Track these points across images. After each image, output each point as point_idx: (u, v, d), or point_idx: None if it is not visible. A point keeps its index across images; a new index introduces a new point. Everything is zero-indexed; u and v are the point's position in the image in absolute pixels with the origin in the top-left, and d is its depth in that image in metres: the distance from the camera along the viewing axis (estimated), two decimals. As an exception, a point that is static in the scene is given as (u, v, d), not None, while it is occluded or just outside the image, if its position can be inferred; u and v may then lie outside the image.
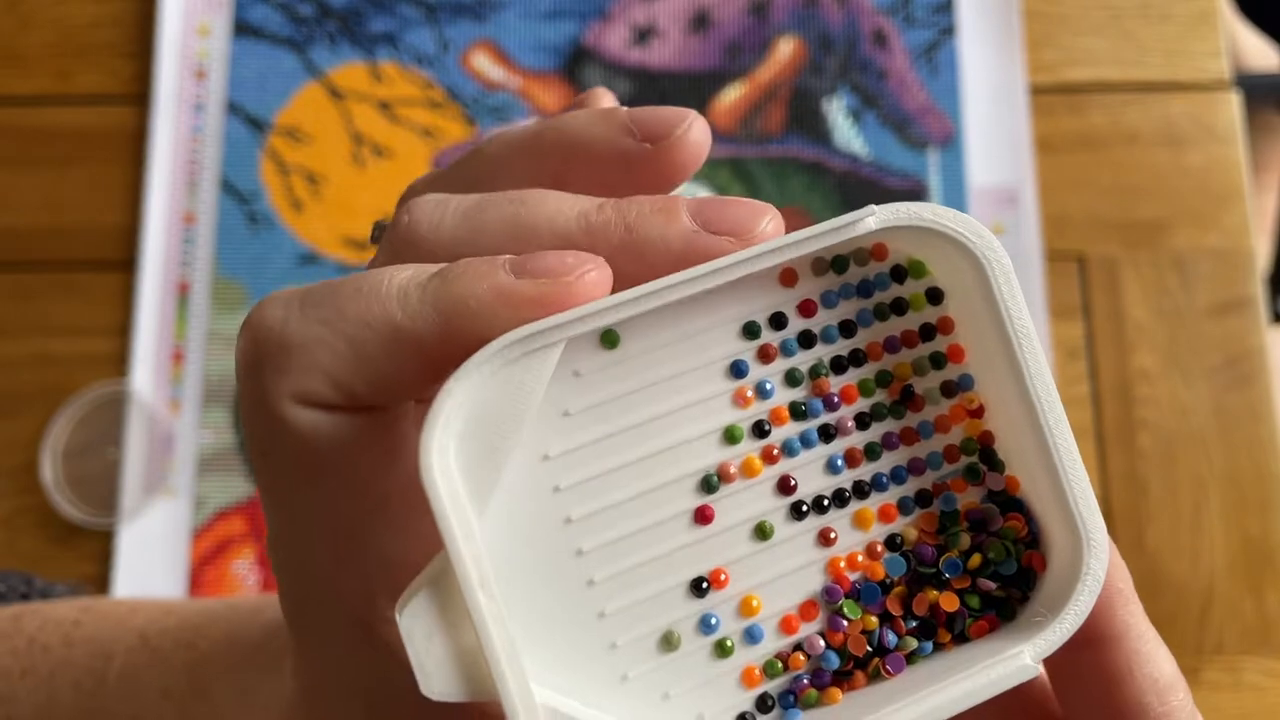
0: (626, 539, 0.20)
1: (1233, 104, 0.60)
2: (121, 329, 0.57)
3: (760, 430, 0.20)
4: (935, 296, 0.21)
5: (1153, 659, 0.20)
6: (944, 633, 0.21)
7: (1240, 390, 0.57)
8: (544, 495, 0.19)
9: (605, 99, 0.23)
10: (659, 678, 0.20)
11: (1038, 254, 0.58)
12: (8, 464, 0.55)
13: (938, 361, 0.21)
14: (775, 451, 0.20)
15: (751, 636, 0.20)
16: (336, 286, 0.19)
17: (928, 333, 0.21)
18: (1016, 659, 0.19)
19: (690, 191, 0.59)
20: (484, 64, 0.61)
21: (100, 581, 0.54)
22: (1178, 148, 0.60)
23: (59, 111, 0.60)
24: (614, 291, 0.19)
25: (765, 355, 0.20)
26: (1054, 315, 0.57)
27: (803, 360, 0.20)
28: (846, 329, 0.20)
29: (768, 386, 0.20)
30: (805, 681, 0.20)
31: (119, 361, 0.56)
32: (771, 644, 0.20)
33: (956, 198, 0.58)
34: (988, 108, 0.60)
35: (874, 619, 0.20)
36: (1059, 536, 0.20)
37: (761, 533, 0.20)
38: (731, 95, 0.60)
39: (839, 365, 0.21)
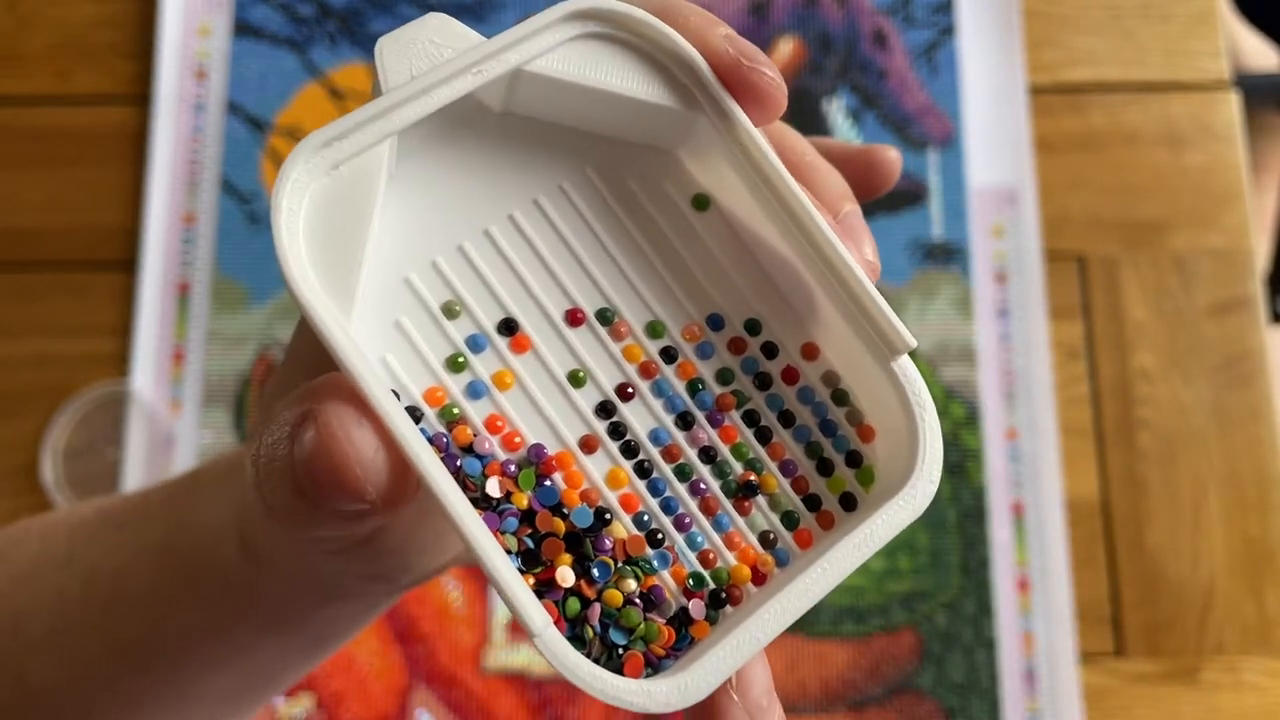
0: (521, 260, 0.22)
1: (1232, 104, 0.60)
2: (122, 329, 0.57)
3: (667, 354, 0.22)
4: (848, 503, 0.22)
5: None
6: (529, 576, 0.20)
7: (1240, 390, 0.57)
8: (502, 212, 0.22)
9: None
10: (410, 316, 0.21)
11: (1037, 254, 0.58)
12: (8, 464, 0.55)
13: (788, 520, 0.22)
14: (653, 370, 0.22)
15: (474, 389, 0.21)
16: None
17: (812, 503, 0.22)
18: (531, 620, 0.19)
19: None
20: (484, 64, 0.61)
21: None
22: (1177, 148, 0.60)
23: (59, 112, 0.60)
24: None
25: (736, 346, 0.22)
26: (1054, 315, 0.57)
27: (743, 381, 0.22)
28: (786, 418, 0.22)
29: (709, 350, 0.22)
30: (445, 443, 0.21)
31: (119, 361, 0.56)
32: (472, 409, 0.21)
33: (956, 197, 0.58)
34: (988, 108, 0.60)
35: (525, 503, 0.20)
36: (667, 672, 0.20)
37: (574, 377, 0.21)
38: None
39: (750, 418, 0.22)
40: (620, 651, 0.20)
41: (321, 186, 0.20)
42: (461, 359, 0.21)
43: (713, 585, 0.21)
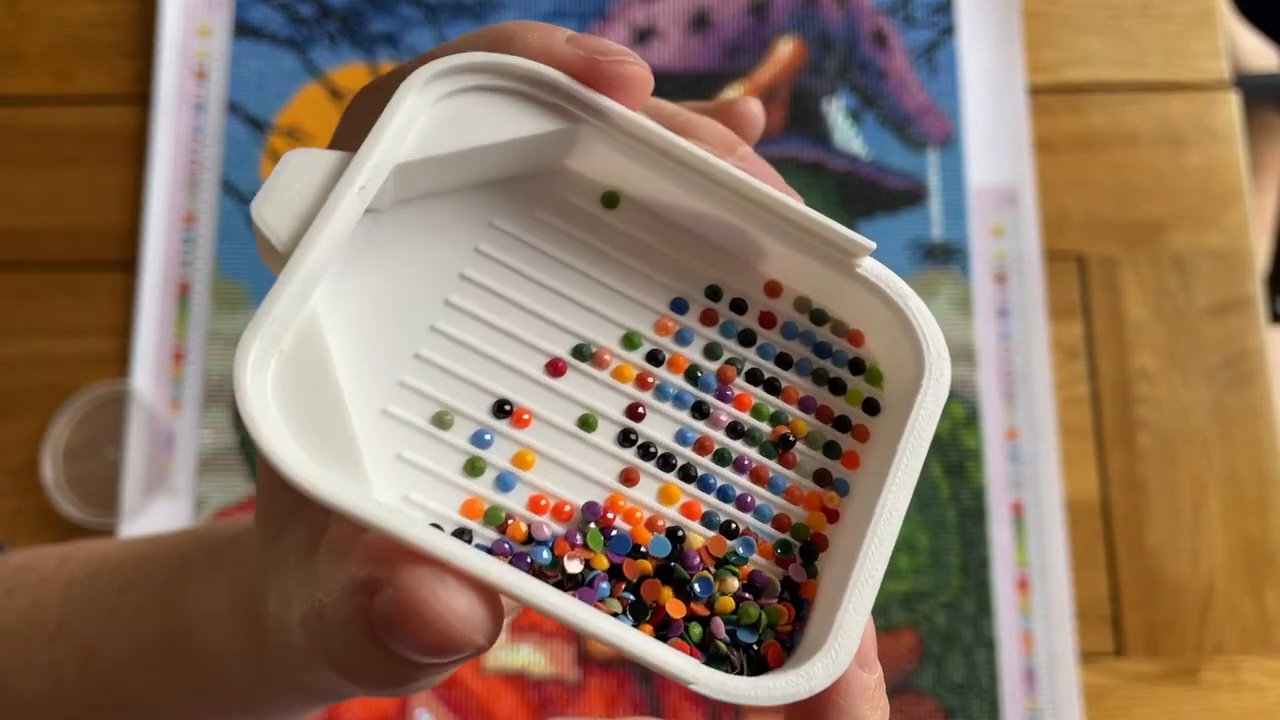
0: (488, 328, 0.21)
1: (1232, 104, 0.60)
2: (122, 329, 0.57)
3: (654, 358, 0.22)
4: (871, 408, 0.22)
5: None
6: (647, 626, 0.20)
7: (1239, 390, 0.57)
8: (438, 300, 0.21)
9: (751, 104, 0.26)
10: (407, 437, 0.21)
11: (1037, 254, 0.58)
12: (8, 464, 0.55)
13: (831, 450, 0.22)
14: (650, 380, 0.22)
15: (504, 482, 0.21)
16: None
17: (842, 424, 0.22)
18: (685, 669, 0.19)
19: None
20: (484, 64, 0.61)
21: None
22: (1177, 148, 0.60)
23: (60, 112, 0.60)
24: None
25: (709, 318, 0.22)
26: (1053, 315, 0.58)
27: (731, 347, 0.22)
28: (783, 360, 0.22)
29: (688, 335, 0.22)
30: (507, 549, 0.20)
31: (120, 361, 0.56)
32: (512, 501, 0.21)
33: (956, 197, 0.59)
34: (987, 108, 0.60)
35: (605, 562, 0.21)
36: (809, 649, 0.20)
37: (585, 422, 0.21)
38: (731, 96, 0.60)
39: (754, 377, 0.22)
40: (757, 648, 0.20)
41: (275, 373, 0.19)
42: (477, 461, 0.21)
43: (798, 544, 0.21)
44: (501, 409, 0.21)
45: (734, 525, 0.21)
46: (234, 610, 0.27)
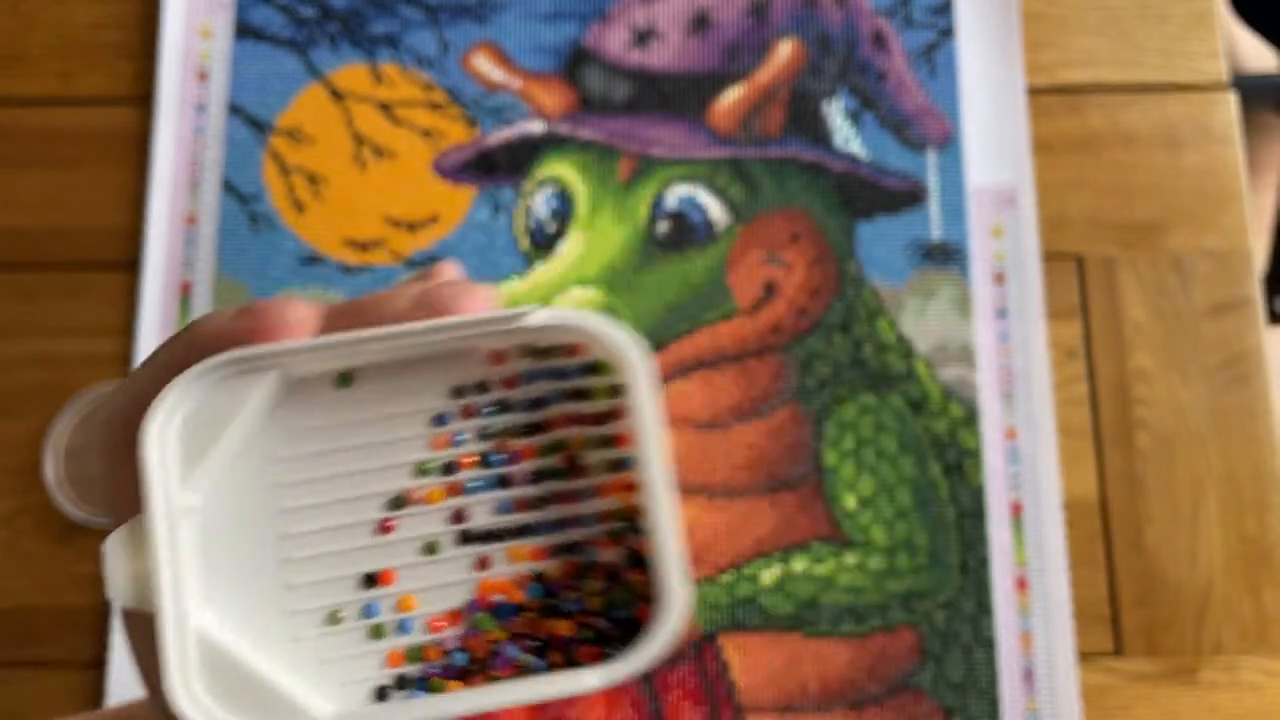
0: (322, 533, 0.25)
1: (1230, 105, 0.61)
2: (124, 329, 0.57)
3: (448, 469, 0.25)
4: (617, 391, 0.26)
5: None
6: (557, 655, 0.25)
7: (1238, 390, 0.57)
8: (269, 487, 0.25)
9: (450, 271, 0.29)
10: (322, 645, 0.25)
11: (1036, 254, 0.58)
12: (10, 463, 0.56)
13: (606, 443, 0.26)
14: (456, 487, 0.25)
15: (403, 628, 0.25)
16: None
17: (603, 418, 0.26)
18: (584, 680, 0.24)
19: (688, 193, 0.59)
20: (485, 65, 0.61)
21: (101, 580, 0.54)
22: (1175, 149, 0.60)
23: (62, 113, 0.60)
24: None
25: (467, 412, 0.26)
26: (1052, 315, 0.58)
27: (495, 421, 0.26)
28: (538, 403, 0.26)
29: (461, 436, 0.25)
30: (435, 671, 0.25)
31: (121, 361, 0.57)
32: (418, 637, 0.25)
33: (955, 198, 0.59)
34: (986, 109, 0.60)
35: (503, 634, 0.25)
36: (659, 592, 0.24)
37: (430, 548, 0.25)
38: (731, 96, 0.60)
39: (527, 430, 0.26)
40: (637, 618, 0.25)
41: (195, 660, 0.24)
42: (377, 627, 0.25)
43: (623, 524, 0.26)
44: (370, 580, 0.25)
45: (573, 545, 0.25)
46: None
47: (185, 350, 0.24)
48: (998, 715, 0.52)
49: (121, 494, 0.25)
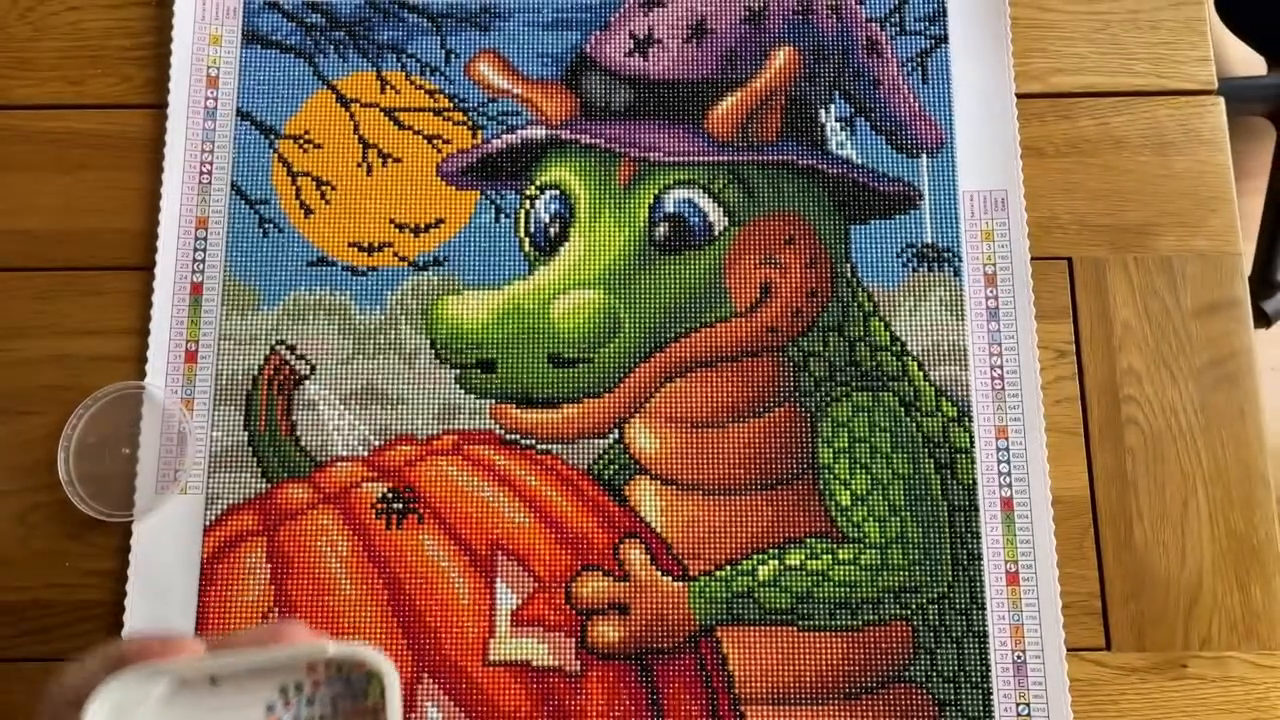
0: None
1: (1219, 110, 0.61)
2: (136, 330, 0.58)
3: None
4: (383, 691, 0.35)
5: None
6: None
7: (1226, 390, 0.57)
8: None
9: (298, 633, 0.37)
10: None
11: (1026, 257, 0.58)
12: (25, 461, 0.56)
13: None
14: None
15: None
16: None
17: (376, 709, 0.35)
18: None
19: (686, 197, 0.59)
20: (488, 72, 0.62)
21: (116, 576, 0.55)
22: (1165, 153, 0.61)
23: (75, 118, 0.61)
24: None
25: (287, 704, 0.35)
26: (1042, 317, 0.58)
27: (307, 710, 0.35)
28: (335, 703, 0.35)
29: (284, 719, 0.35)
30: None
31: (134, 361, 0.57)
32: None
33: (947, 202, 0.59)
34: (978, 114, 0.61)
35: None
36: None
37: None
38: (728, 103, 0.61)
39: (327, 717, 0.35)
40: None
41: None
42: None
43: None
44: None
45: None
46: None
47: (106, 661, 0.34)
48: (990, 707, 0.53)
49: None
